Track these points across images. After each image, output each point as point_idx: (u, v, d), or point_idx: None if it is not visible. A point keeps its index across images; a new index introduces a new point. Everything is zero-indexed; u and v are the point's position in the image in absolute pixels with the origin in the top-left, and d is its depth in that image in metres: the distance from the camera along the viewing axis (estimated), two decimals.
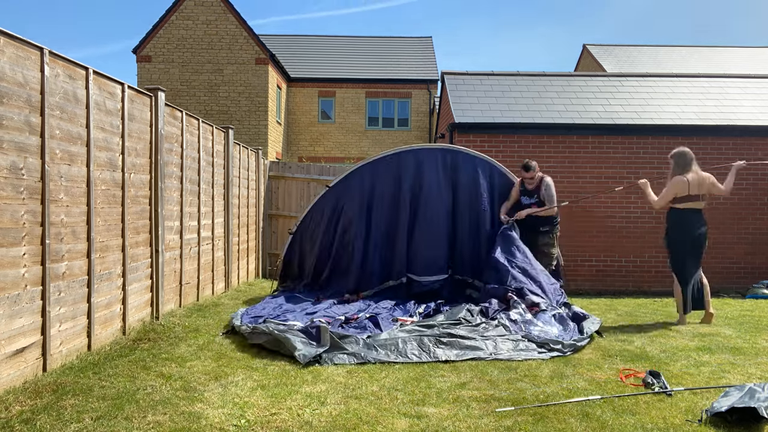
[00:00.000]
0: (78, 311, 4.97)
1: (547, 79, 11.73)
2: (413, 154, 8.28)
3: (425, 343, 5.39)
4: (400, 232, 8.10)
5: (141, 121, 6.13)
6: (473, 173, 8.25)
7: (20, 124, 4.19)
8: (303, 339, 5.35)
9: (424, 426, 3.69)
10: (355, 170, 8.37)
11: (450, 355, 5.27)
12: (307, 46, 27.74)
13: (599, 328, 6.22)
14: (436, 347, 5.37)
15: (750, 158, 9.90)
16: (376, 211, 8.18)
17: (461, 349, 5.38)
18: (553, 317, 6.34)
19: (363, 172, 8.31)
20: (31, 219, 4.31)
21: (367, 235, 8.14)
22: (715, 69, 24.79)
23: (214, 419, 3.73)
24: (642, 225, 9.92)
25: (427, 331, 5.73)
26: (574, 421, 3.78)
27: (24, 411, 3.72)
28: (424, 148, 8.44)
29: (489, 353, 5.35)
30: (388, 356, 5.20)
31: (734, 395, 3.90)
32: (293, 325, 5.87)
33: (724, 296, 9.20)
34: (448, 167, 8.23)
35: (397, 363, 5.12)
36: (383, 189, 8.22)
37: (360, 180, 8.28)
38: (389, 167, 8.25)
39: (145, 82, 20.64)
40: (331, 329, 5.62)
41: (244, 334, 5.76)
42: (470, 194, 8.19)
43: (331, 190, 8.38)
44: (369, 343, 5.37)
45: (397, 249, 8.08)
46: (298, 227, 8.56)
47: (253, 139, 20.45)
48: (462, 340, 5.54)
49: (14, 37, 4.14)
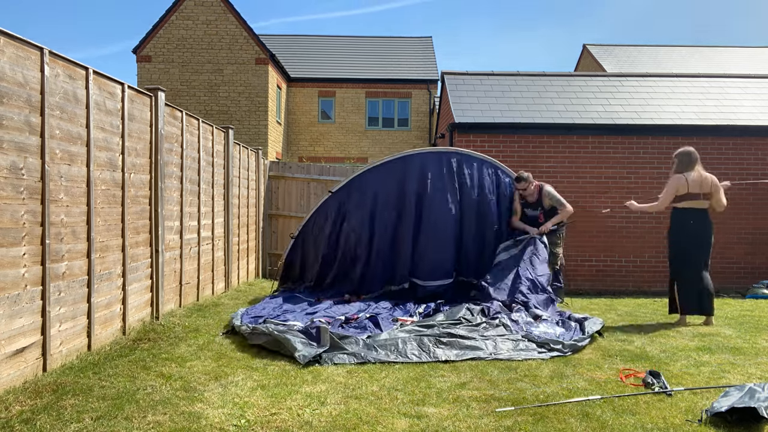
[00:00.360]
0: (78, 311, 4.97)
1: (547, 79, 11.73)
2: (419, 158, 8.24)
3: (425, 343, 5.39)
4: (405, 236, 8.03)
5: (141, 121, 6.13)
6: (479, 176, 8.21)
7: (20, 124, 4.19)
8: (303, 339, 5.35)
9: (424, 426, 3.69)
10: (359, 174, 8.34)
11: (450, 354, 5.27)
12: (307, 46, 27.74)
13: (601, 329, 6.22)
14: (435, 347, 5.37)
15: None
16: (380, 215, 8.12)
17: (461, 349, 5.38)
18: (555, 323, 6.35)
19: (367, 177, 8.26)
20: (31, 219, 4.31)
21: (370, 239, 8.09)
22: (715, 69, 24.79)
23: (214, 419, 3.73)
24: (642, 225, 9.92)
25: (426, 331, 5.73)
26: (574, 421, 3.78)
27: (24, 411, 3.72)
28: (429, 151, 8.40)
29: (489, 353, 5.34)
30: (388, 356, 5.20)
31: (734, 395, 3.90)
32: (293, 325, 5.87)
33: (724, 296, 9.20)
34: (453, 170, 8.17)
35: (396, 363, 5.12)
36: (387, 193, 8.15)
37: (364, 184, 8.22)
38: (394, 171, 8.19)
39: (145, 82, 20.65)
40: (331, 329, 5.62)
41: (243, 334, 5.76)
42: (476, 196, 8.13)
43: (334, 195, 8.35)
44: (369, 344, 5.37)
45: (402, 253, 8.02)
46: (301, 230, 8.52)
47: (253, 139, 20.45)
48: (462, 340, 5.53)
49: (14, 37, 4.14)
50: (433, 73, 25.34)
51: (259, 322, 6.03)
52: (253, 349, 5.49)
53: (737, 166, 9.88)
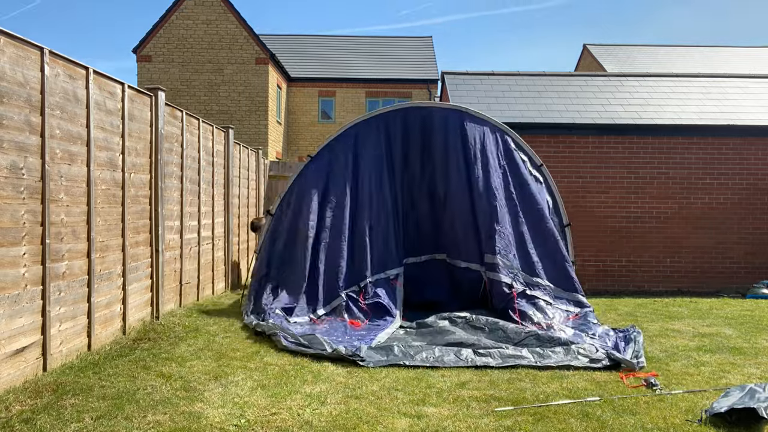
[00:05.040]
0: (78, 311, 4.96)
1: (547, 79, 11.73)
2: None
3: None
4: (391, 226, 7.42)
5: (141, 121, 6.13)
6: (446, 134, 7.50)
7: (20, 123, 4.19)
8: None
9: (424, 426, 3.69)
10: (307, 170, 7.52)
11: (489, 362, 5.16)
12: (307, 45, 27.73)
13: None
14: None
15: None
16: (362, 209, 7.37)
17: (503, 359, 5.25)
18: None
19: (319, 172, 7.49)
20: (31, 219, 4.31)
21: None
22: (715, 69, 24.78)
23: (214, 419, 3.73)
24: (642, 225, 9.91)
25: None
26: (574, 421, 3.78)
27: (24, 410, 3.72)
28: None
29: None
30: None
31: (735, 395, 3.90)
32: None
33: (725, 296, 9.20)
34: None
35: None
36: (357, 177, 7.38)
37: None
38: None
39: (145, 82, 20.63)
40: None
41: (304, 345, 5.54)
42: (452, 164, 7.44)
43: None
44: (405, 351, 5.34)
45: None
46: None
47: (253, 139, 20.44)
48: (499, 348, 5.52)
49: (14, 37, 4.14)
50: (433, 72, 25.33)
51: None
52: (253, 348, 5.49)
53: (737, 165, 9.87)
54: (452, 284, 7.69)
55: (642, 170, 9.87)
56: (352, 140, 7.47)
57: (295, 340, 5.62)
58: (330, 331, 6.24)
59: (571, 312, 6.92)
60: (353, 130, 7.54)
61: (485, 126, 7.57)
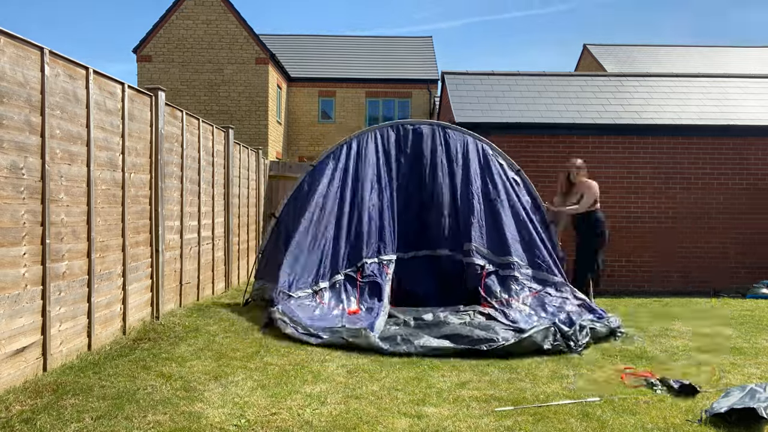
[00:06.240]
0: (78, 311, 4.97)
1: (547, 79, 11.73)
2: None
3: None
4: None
5: (141, 121, 6.13)
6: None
7: (20, 123, 4.19)
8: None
9: (424, 426, 3.70)
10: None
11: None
12: (307, 46, 27.73)
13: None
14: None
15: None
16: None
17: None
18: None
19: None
20: (31, 219, 4.31)
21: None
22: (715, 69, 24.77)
23: (215, 419, 3.73)
24: (642, 225, 9.91)
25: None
26: (574, 421, 3.78)
27: (24, 410, 3.73)
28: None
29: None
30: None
31: (735, 395, 3.90)
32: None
33: (725, 296, 9.20)
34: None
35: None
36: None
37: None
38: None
39: (145, 82, 20.64)
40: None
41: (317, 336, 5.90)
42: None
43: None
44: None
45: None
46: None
47: (253, 139, 20.44)
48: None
49: (14, 37, 4.14)
50: (433, 72, 25.32)
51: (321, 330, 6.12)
52: (253, 348, 5.50)
53: (737, 165, 9.87)
54: (438, 279, 8.23)
55: (642, 170, 9.87)
56: (354, 149, 8.41)
57: (305, 330, 6.02)
58: (331, 319, 6.70)
59: (534, 288, 7.40)
60: (353, 140, 8.49)
61: (466, 136, 8.46)
